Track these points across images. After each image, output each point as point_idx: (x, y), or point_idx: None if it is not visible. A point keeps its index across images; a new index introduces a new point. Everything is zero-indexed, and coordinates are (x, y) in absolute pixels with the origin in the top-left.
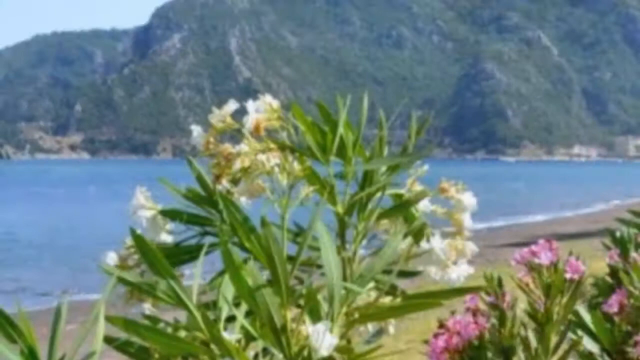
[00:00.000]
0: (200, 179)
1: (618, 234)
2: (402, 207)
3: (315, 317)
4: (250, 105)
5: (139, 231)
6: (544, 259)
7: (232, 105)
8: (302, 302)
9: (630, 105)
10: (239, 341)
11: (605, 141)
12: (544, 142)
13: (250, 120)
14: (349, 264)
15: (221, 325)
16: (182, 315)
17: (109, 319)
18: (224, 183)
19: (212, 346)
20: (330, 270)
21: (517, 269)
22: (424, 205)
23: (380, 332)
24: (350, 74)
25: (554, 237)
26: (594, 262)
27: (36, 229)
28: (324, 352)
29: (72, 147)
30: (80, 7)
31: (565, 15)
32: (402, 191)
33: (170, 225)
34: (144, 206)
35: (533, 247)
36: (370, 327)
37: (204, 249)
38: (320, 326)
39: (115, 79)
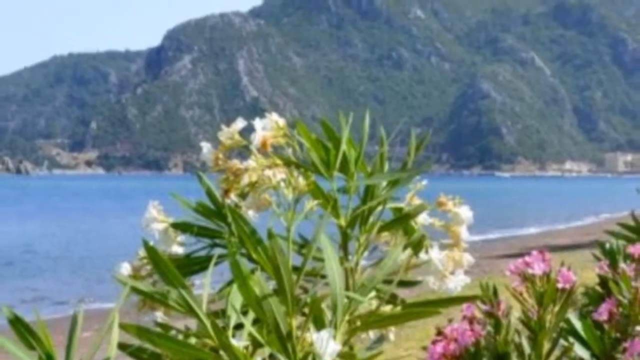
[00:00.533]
0: (209, 194)
1: (607, 245)
2: (402, 220)
3: (320, 325)
4: (257, 123)
5: (151, 243)
6: (537, 269)
7: (240, 123)
8: (306, 310)
9: (619, 123)
10: (246, 348)
11: (596, 157)
12: (537, 158)
13: (257, 138)
14: (351, 274)
15: (230, 332)
16: (192, 323)
17: (122, 327)
18: (233, 197)
19: (221, 352)
20: (333, 280)
21: (512, 279)
22: (423, 218)
23: (381, 339)
24: (353, 93)
25: (546, 248)
26: (584, 272)
27: (53, 241)
28: (328, 358)
29: (88, 163)
30: (96, 30)
31: (558, 38)
32: (402, 205)
33: (181, 237)
34: (157, 219)
35: (526, 258)
36: (372, 334)
37: (214, 260)
38: (324, 333)
39: (128, 98)
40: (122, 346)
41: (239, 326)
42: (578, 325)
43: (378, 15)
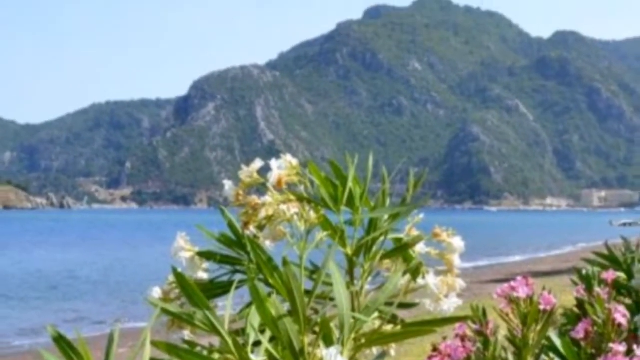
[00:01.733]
0: (231, 226)
1: (584, 272)
2: (401, 249)
3: (329, 342)
4: (274, 163)
5: (179, 269)
6: (522, 293)
7: (258, 163)
8: (317, 329)
9: (594, 163)
10: None
11: (573, 194)
12: (522, 194)
13: (273, 176)
14: (356, 297)
15: (249, 349)
16: (216, 341)
17: (154, 344)
18: (252, 229)
19: None
20: (341, 303)
21: (499, 302)
22: (420, 247)
23: (383, 355)
24: (358, 136)
25: (529, 274)
26: (563, 295)
27: (92, 267)
28: None
29: (123, 199)
30: (130, 80)
31: (539, 88)
32: (401, 236)
33: (206, 265)
34: (184, 248)
35: (512, 283)
36: (375, 350)
37: (235, 285)
38: (333, 350)
39: (159, 141)
40: None
41: (257, 343)
42: (558, 342)
43: (380, 68)
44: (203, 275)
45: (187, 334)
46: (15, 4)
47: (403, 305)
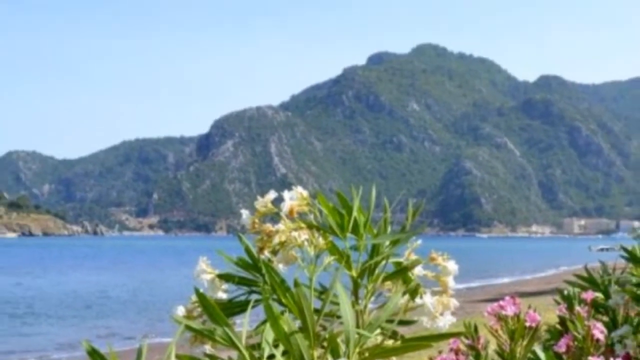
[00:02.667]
0: (248, 251)
1: (565, 292)
2: (401, 272)
3: (336, 356)
4: (286, 194)
5: (201, 290)
6: (510, 311)
7: (272, 194)
8: (325, 344)
9: (575, 194)
10: None
11: (556, 222)
12: (509, 222)
13: (286, 206)
14: (361, 315)
15: None
16: (234, 354)
17: (179, 357)
18: (266, 254)
19: None
20: (347, 320)
21: (489, 319)
22: (418, 270)
23: None
24: (362, 170)
25: (516, 294)
26: (547, 313)
27: (123, 288)
28: None
29: (151, 226)
30: (157, 119)
31: (526, 126)
32: (401, 260)
33: (225, 286)
34: (205, 271)
35: (501, 302)
36: None
37: (251, 304)
38: None
39: (183, 174)
40: None
41: (271, 357)
42: (542, 356)
43: (382, 109)
44: (222, 296)
45: (208, 348)
46: (55, 53)
47: (403, 322)
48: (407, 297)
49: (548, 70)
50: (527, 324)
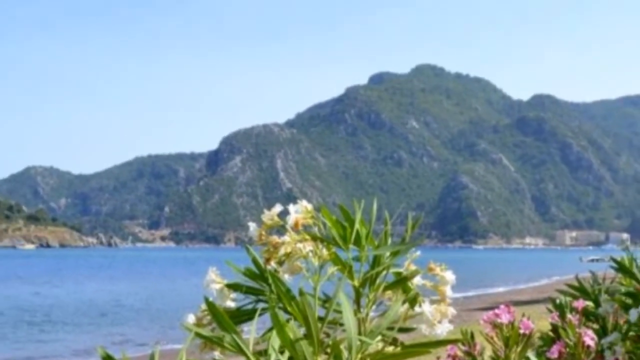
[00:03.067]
0: (255, 261)
1: (557, 301)
2: (401, 282)
3: None
4: (291, 207)
5: (211, 299)
6: (504, 319)
7: (278, 208)
8: (329, 350)
9: (567, 207)
10: None
11: (548, 234)
12: (504, 234)
13: (291, 219)
14: (363, 323)
15: None
16: None
17: None
18: (272, 264)
19: None
20: (349, 327)
21: (485, 326)
22: (417, 280)
23: None
24: (364, 185)
25: (511, 303)
26: (540, 321)
27: (136, 297)
28: None
29: (162, 238)
30: (168, 136)
31: (520, 143)
32: (401, 270)
33: (233, 295)
34: (214, 281)
35: (496, 311)
36: None
37: (258, 312)
38: None
39: (193, 188)
40: None
41: None
42: None
43: (383, 126)
44: (231, 304)
45: (217, 354)
46: (72, 74)
47: (403, 330)
48: (406, 305)
49: (541, 90)
50: (521, 331)
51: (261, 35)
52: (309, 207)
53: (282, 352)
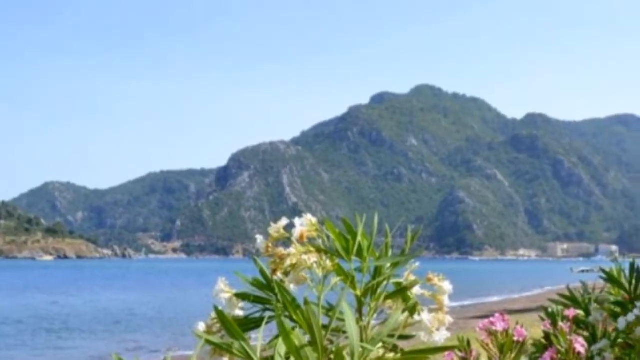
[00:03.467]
0: (262, 272)
1: (550, 309)
2: (401, 291)
3: None
4: (297, 221)
5: (220, 308)
6: (499, 327)
7: (284, 221)
8: (332, 356)
9: (558, 221)
10: None
11: (541, 246)
12: (499, 246)
13: (296, 231)
14: (364, 331)
15: None
16: None
17: None
18: (279, 275)
19: None
20: (351, 335)
21: (480, 334)
22: (416, 290)
23: None
24: (365, 199)
25: (506, 312)
26: (533, 329)
27: (149, 306)
28: None
29: (174, 250)
30: (180, 153)
31: (513, 160)
32: (401, 280)
33: (241, 304)
34: (224, 290)
35: (491, 319)
36: None
37: (265, 320)
38: None
39: (204, 203)
40: None
41: None
42: None
43: (384, 143)
44: (239, 313)
45: None
46: (88, 94)
47: (402, 337)
48: (406, 314)
49: (534, 109)
50: (515, 339)
51: (268, 57)
52: (314, 220)
53: (287, 359)
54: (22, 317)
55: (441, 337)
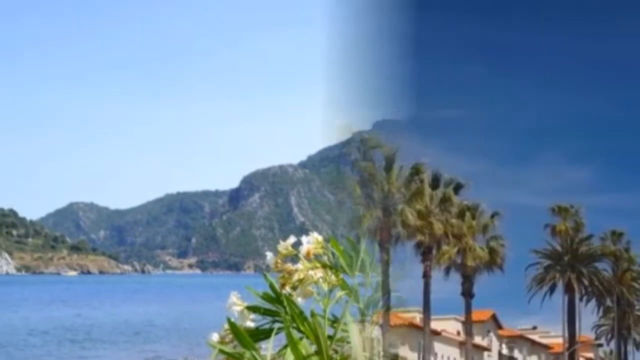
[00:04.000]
0: (272, 287)
1: None
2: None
3: None
4: (304, 239)
5: (232, 319)
6: None
7: (292, 239)
8: None
9: None
10: None
11: None
12: None
13: (304, 249)
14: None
15: None
16: None
17: None
18: (287, 289)
19: None
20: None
21: None
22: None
23: None
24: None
25: None
26: None
27: (166, 318)
28: None
29: (190, 266)
30: (195, 176)
31: None
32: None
33: (252, 316)
34: (236, 303)
35: None
36: None
37: (274, 331)
38: None
39: (217, 222)
40: None
41: None
42: None
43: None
44: (250, 324)
45: None
46: (109, 120)
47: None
48: None
49: None
50: None
51: (276, 85)
52: (320, 238)
53: None
54: (48, 328)
55: None
